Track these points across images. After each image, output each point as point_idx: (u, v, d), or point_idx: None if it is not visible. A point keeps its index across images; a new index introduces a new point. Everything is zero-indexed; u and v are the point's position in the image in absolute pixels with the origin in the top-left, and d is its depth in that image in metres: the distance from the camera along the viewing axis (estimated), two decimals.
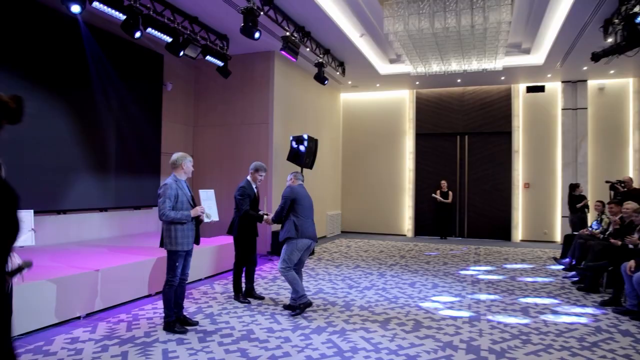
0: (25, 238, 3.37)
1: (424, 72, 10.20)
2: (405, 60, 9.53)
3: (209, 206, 4.80)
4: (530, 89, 12.36)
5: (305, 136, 9.40)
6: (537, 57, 10.27)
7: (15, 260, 3.28)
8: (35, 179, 6.60)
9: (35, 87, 6.65)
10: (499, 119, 12.76)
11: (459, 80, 12.14)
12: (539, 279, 7.33)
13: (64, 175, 7.11)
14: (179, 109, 10.00)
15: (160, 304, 5.43)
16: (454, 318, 5.19)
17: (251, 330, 4.62)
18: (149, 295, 5.94)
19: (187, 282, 4.83)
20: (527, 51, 10.36)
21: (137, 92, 8.51)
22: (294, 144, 9.49)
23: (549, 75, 11.40)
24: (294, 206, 5.35)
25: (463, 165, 13.16)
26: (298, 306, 5.21)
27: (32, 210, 3.51)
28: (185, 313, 4.90)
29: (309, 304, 5.26)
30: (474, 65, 9.67)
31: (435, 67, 9.96)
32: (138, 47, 8.51)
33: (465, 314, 5.37)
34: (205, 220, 4.70)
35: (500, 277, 7.47)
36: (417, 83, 12.51)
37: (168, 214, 4.39)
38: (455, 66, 9.84)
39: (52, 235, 6.99)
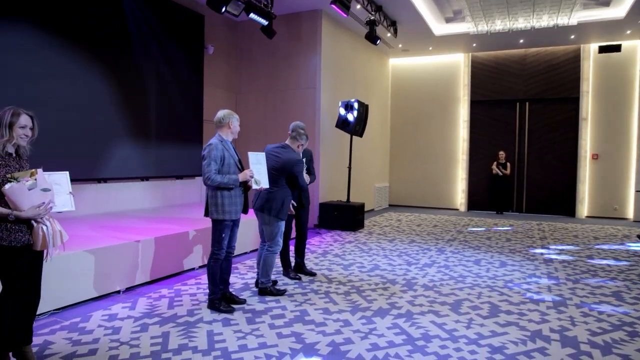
0: (63, 202, 2.90)
1: (485, 31, 9.22)
2: (466, 17, 8.61)
3: (259, 171, 4.21)
4: (603, 49, 11.08)
5: (355, 101, 8.71)
6: (618, 10, 9.06)
7: (55, 226, 2.86)
8: (74, 145, 6.26)
9: (74, 47, 6.24)
10: (565, 83, 11.58)
11: (521, 41, 11.02)
12: (623, 261, 6.47)
13: (103, 143, 6.74)
14: (221, 73, 9.48)
15: (204, 278, 5.01)
16: (536, 302, 4.51)
17: (305, 311, 4.10)
18: (192, 269, 5.53)
19: (233, 255, 4.34)
20: (605, 3, 9.15)
21: (177, 55, 8.01)
22: (342, 110, 8.83)
23: (628, 32, 10.11)
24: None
25: (522, 134, 12.11)
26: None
27: (67, 172, 3.04)
28: (231, 290, 4.43)
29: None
30: (545, 21, 8.61)
31: (500, 25, 8.97)
32: (178, 7, 7.98)
33: (547, 297, 4.67)
34: (254, 186, 4.14)
35: (575, 257, 6.66)
36: (474, 45, 11.48)
37: (214, 178, 3.87)
38: (522, 23, 8.81)
39: (91, 204, 6.68)
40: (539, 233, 8.78)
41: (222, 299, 4.13)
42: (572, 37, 10.55)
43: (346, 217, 8.71)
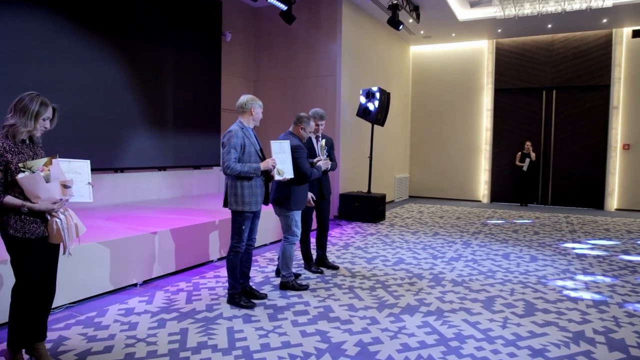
0: (81, 192, 2.73)
1: (513, 14, 8.82)
2: (493, 0, 8.23)
3: (283, 160, 3.98)
4: (637, 33, 10.57)
5: (377, 89, 8.43)
6: None
7: (71, 220, 2.70)
8: (90, 134, 6.13)
9: (91, 33, 6.09)
10: (595, 70, 11.10)
11: (549, 26, 10.57)
12: None
13: (120, 132, 6.61)
14: (239, 61, 9.27)
15: (223, 272, 4.85)
16: (574, 300, 4.23)
17: (329, 308, 3.89)
18: (211, 262, 5.37)
19: (254, 247, 4.14)
20: None
21: (195, 43, 7.83)
22: (363, 98, 8.56)
23: None
24: None
25: (549, 123, 11.68)
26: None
27: (88, 161, 2.85)
28: (251, 284, 4.25)
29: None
30: (577, 3, 8.19)
31: (528, 8, 8.57)
32: None
33: (586, 295, 4.38)
34: (277, 177, 3.93)
35: (610, 252, 6.33)
36: (499, 31, 11.05)
37: (233, 167, 3.66)
38: (552, 6, 8.40)
39: (108, 195, 6.56)
40: (567, 226, 8.43)
41: (242, 293, 3.95)
42: (604, 21, 10.07)
43: (367, 208, 8.47)
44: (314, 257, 5.21)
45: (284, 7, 7.65)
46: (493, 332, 3.44)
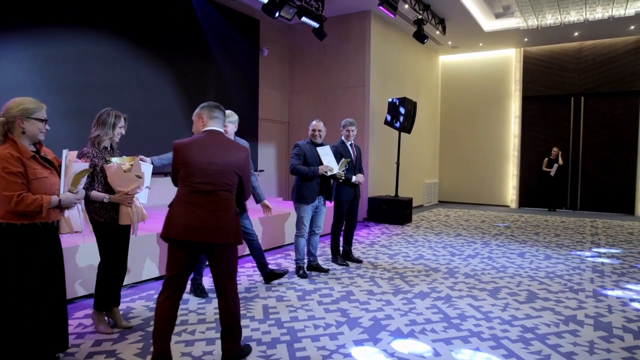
0: (142, 194, 3.46)
1: (535, 25, 9.18)
2: (515, 12, 8.63)
3: (329, 161, 5.06)
4: None
5: (404, 99, 8.97)
6: None
7: (140, 208, 3.41)
8: (144, 145, 6.94)
9: (147, 52, 6.93)
10: (624, 76, 11.23)
11: (575, 34, 10.82)
12: None
13: (170, 139, 7.39)
14: (275, 74, 10.01)
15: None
16: (575, 291, 4.64)
17: (351, 292, 4.47)
18: (247, 255, 6.03)
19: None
20: None
21: (235, 58, 8.61)
22: (391, 107, 9.11)
23: None
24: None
25: (577, 130, 11.85)
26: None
27: (151, 166, 3.60)
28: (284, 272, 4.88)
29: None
30: (599, 13, 8.49)
31: (550, 19, 8.92)
32: (236, 14, 8.56)
33: (588, 287, 4.79)
34: (329, 174, 5.00)
35: (625, 252, 6.62)
36: (526, 40, 11.37)
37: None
38: (574, 16, 8.72)
39: (159, 197, 7.36)
40: (591, 230, 8.67)
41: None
42: (632, 27, 10.25)
43: (394, 211, 8.99)
44: (342, 251, 5.80)
45: (316, 24, 8.31)
46: (492, 314, 3.93)
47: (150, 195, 3.70)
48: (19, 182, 2.46)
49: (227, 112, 3.94)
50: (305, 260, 5.18)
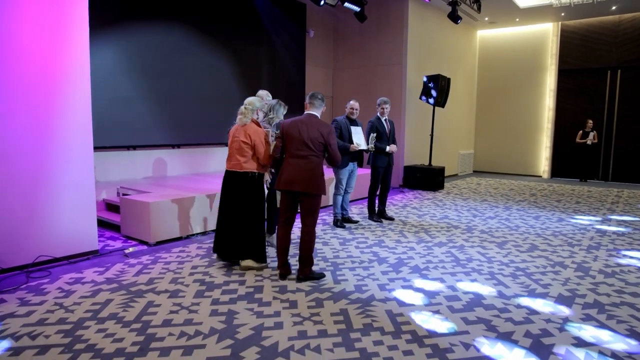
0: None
1: (568, 2, 9.63)
2: None
3: (359, 139, 6.06)
4: None
5: (438, 75, 9.74)
6: None
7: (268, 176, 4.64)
8: (213, 124, 8.15)
9: (206, 39, 8.07)
10: None
11: (613, 8, 11.10)
12: None
13: (227, 113, 8.59)
14: (320, 53, 10.97)
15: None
16: (572, 245, 5.53)
17: (382, 240, 5.56)
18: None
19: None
20: None
21: (284, 41, 9.63)
22: (426, 83, 9.91)
23: None
24: None
25: (612, 103, 12.20)
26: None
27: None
28: (328, 225, 6.01)
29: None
30: None
31: None
32: (286, 0, 9.53)
33: (586, 242, 5.65)
34: (358, 148, 5.98)
35: (638, 219, 7.33)
36: (563, 14, 11.72)
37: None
38: None
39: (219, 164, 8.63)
40: (613, 199, 9.30)
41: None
42: None
43: (427, 178, 9.92)
44: (377, 210, 6.86)
45: (357, 8, 9.16)
46: (494, 258, 4.91)
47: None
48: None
49: (258, 99, 4.80)
50: (340, 214, 6.31)
